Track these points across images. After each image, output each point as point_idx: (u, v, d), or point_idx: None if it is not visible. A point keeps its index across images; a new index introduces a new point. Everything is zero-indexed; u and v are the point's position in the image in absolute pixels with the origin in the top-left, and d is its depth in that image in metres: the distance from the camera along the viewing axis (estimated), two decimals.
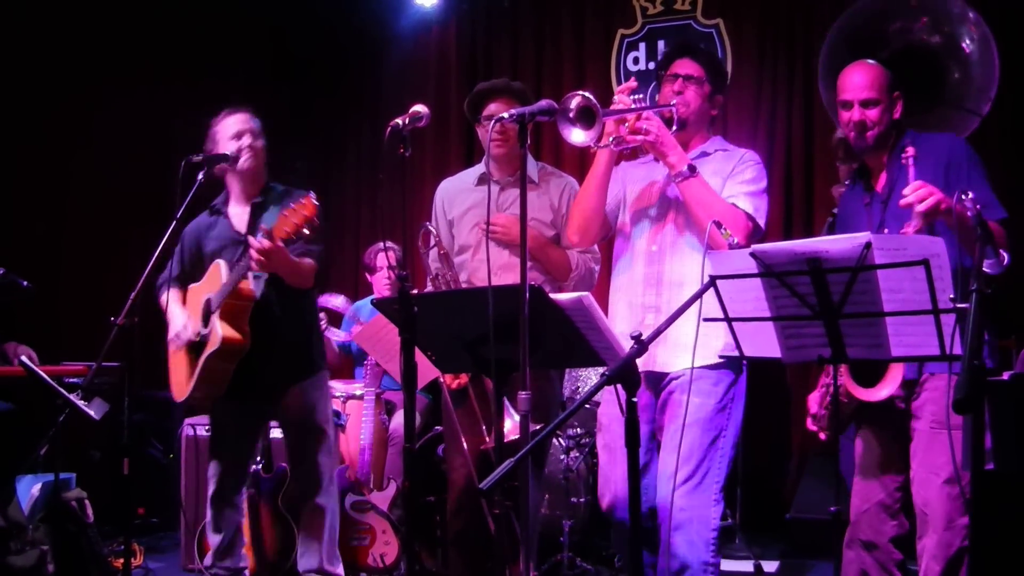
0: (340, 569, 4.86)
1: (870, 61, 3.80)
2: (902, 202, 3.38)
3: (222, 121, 4.68)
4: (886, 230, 3.69)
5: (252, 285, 4.49)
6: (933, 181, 3.44)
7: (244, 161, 4.62)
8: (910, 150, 3.51)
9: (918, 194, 3.34)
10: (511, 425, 3.74)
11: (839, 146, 5.20)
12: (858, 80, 3.74)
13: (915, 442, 3.68)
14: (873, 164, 3.85)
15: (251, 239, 4.26)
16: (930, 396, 3.64)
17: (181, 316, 4.63)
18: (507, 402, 3.72)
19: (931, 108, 4.12)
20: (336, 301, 6.18)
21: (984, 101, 4.11)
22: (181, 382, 4.63)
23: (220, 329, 4.40)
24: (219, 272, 4.50)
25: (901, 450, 3.75)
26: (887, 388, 3.63)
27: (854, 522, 3.82)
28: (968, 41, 4.12)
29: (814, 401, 3.91)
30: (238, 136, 4.63)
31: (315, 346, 4.82)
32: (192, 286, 4.68)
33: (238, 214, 4.72)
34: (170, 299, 4.67)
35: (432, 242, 4.51)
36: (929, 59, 4.11)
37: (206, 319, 4.52)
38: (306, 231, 4.10)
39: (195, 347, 4.56)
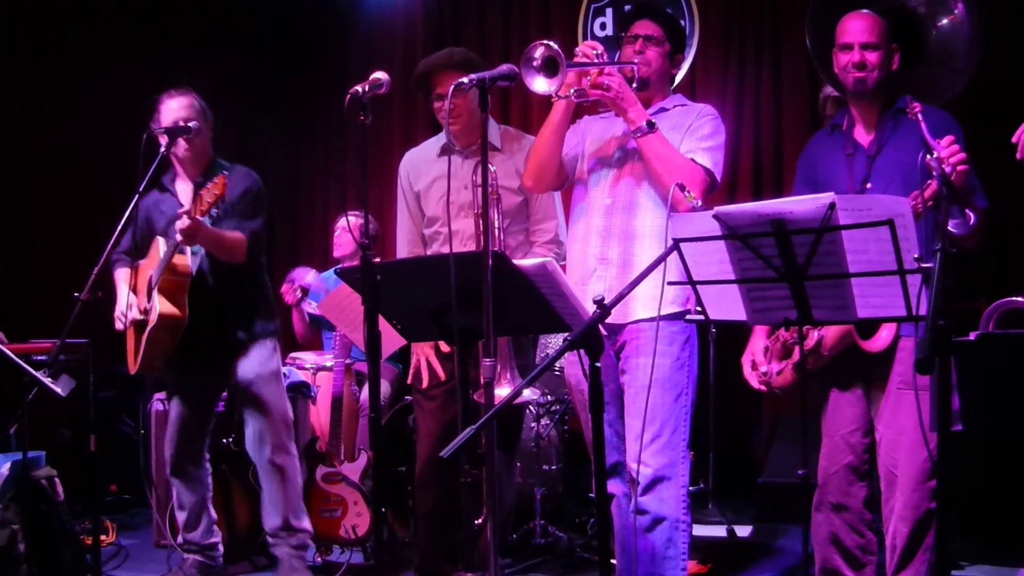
0: (306, 523, 4.92)
1: (866, 11, 3.80)
2: (943, 153, 3.26)
3: (165, 103, 4.73)
4: (869, 185, 3.67)
5: (189, 261, 4.62)
6: (917, 152, 3.42)
7: (180, 150, 4.72)
8: (916, 105, 3.44)
9: (952, 149, 3.28)
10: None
11: (827, 103, 5.16)
12: (859, 24, 3.75)
13: (882, 402, 3.68)
14: (861, 116, 3.81)
15: (177, 221, 4.39)
16: (898, 357, 3.64)
17: (126, 296, 4.74)
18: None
19: (916, 65, 4.09)
20: (308, 277, 6.15)
21: (972, 61, 4.10)
22: (132, 354, 4.75)
23: (159, 305, 4.53)
24: (157, 248, 4.63)
25: (867, 411, 3.76)
26: (885, 333, 3.63)
27: (822, 485, 3.81)
28: (951, 10, 4.11)
29: (761, 354, 3.88)
30: (174, 124, 4.67)
31: (258, 317, 4.87)
32: (140, 263, 4.79)
33: (184, 191, 4.80)
34: (119, 278, 4.82)
35: None
36: (914, 19, 4.10)
37: (150, 294, 4.61)
38: (216, 208, 4.34)
39: (141, 322, 4.65)
